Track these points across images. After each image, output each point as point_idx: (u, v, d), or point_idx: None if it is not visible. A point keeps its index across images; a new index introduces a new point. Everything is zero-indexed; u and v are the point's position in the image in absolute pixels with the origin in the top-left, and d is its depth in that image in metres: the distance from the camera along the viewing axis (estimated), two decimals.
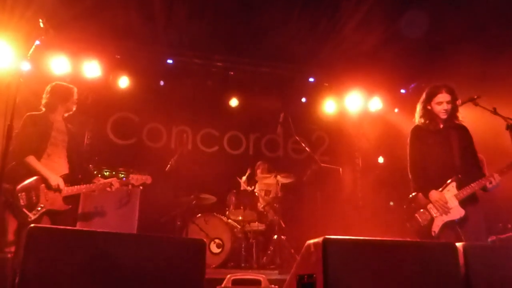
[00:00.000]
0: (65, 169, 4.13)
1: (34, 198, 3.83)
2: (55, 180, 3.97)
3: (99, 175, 4.76)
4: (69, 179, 4.11)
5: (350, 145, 8.53)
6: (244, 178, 6.98)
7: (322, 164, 6.65)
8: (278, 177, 6.41)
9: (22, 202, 3.75)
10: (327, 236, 2.34)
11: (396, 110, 8.57)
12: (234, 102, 8.06)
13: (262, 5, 6.29)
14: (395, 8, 6.24)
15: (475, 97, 4.04)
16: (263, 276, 2.48)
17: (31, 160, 3.92)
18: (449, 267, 2.50)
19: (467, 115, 4.25)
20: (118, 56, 7.14)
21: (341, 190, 7.90)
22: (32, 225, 2.01)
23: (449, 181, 3.81)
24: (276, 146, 8.59)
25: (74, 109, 4.36)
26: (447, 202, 3.74)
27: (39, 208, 3.83)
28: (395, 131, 8.38)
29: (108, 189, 4.28)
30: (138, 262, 2.15)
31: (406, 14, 6.28)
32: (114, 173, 5.72)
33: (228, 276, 2.47)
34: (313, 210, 6.70)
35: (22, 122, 4.04)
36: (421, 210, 3.87)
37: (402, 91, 8.64)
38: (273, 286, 2.45)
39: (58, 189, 3.95)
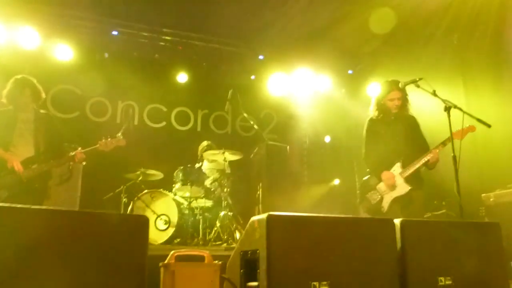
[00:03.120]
0: (30, 153, 4.26)
1: None
2: (10, 161, 4.10)
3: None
4: (34, 161, 4.23)
5: (297, 123, 8.63)
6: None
7: (270, 142, 6.70)
8: (226, 154, 6.41)
9: None
10: (270, 213, 2.37)
11: (343, 90, 8.74)
12: (182, 77, 7.90)
13: None
14: None
15: (417, 79, 4.28)
16: (207, 252, 2.49)
17: None
18: (386, 241, 2.62)
19: (412, 96, 4.51)
20: (58, 25, 6.74)
21: (288, 168, 8.01)
22: None
23: (395, 162, 4.29)
24: (224, 123, 8.55)
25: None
26: (394, 178, 4.23)
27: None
28: (342, 111, 8.59)
29: (72, 162, 4.49)
30: (78, 239, 2.09)
31: None
32: None
33: (172, 252, 2.46)
34: (260, 187, 6.75)
35: None
36: (372, 191, 4.36)
37: (350, 72, 8.81)
38: (217, 261, 2.46)
39: (13, 170, 4.08)
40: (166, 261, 2.41)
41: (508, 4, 5.74)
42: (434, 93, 4.22)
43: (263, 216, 2.39)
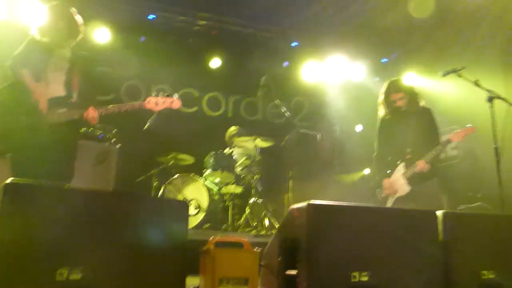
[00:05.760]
0: (60, 93, 3.59)
1: None
2: (36, 94, 3.42)
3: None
4: (63, 103, 3.55)
5: (329, 112, 8.54)
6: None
7: (301, 130, 6.65)
8: (257, 140, 6.40)
9: None
10: (311, 201, 2.34)
11: (377, 79, 8.57)
12: (215, 62, 7.88)
13: None
14: None
15: (459, 68, 4.14)
16: (245, 239, 2.49)
17: (25, 73, 3.44)
18: (428, 233, 2.58)
19: (450, 86, 4.37)
20: (98, 8, 6.79)
21: (318, 156, 7.96)
22: (8, 181, 1.89)
23: (398, 162, 4.29)
24: (255, 109, 8.53)
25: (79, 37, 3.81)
26: (394, 189, 4.27)
27: None
28: (375, 100, 8.42)
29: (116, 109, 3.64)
30: (121, 220, 2.11)
31: None
32: (90, 129, 5.53)
33: (211, 238, 2.47)
34: (291, 175, 6.72)
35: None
36: (378, 189, 4.43)
37: (384, 60, 8.63)
38: (256, 249, 2.46)
39: (36, 108, 3.39)
40: (206, 247, 2.42)
41: None
42: (477, 83, 4.09)
43: (304, 204, 2.37)
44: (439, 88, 6.77)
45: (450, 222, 2.61)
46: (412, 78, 7.82)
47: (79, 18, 3.78)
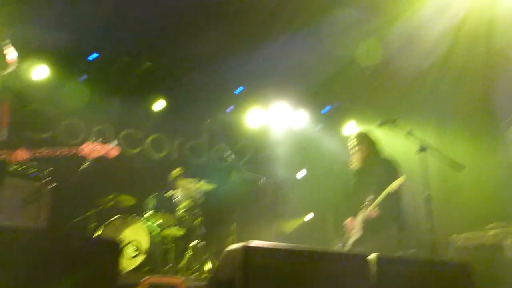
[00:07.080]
0: None
1: None
2: None
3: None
4: None
5: (272, 157, 8.65)
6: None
7: (245, 173, 6.70)
8: (201, 183, 6.36)
9: None
10: (247, 243, 2.34)
11: (318, 127, 8.84)
12: (160, 104, 7.84)
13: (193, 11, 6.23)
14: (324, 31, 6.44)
15: (394, 118, 4.38)
16: (181, 279, 2.43)
17: None
18: (360, 276, 2.62)
19: (387, 135, 4.64)
20: (37, 44, 6.62)
21: (262, 200, 7.99)
22: None
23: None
24: (200, 152, 8.49)
25: None
26: (351, 226, 4.53)
27: None
28: (316, 147, 8.70)
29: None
30: (46, 259, 2.00)
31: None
32: (23, 167, 5.26)
33: (145, 278, 2.39)
34: (234, 218, 6.69)
35: None
36: (344, 234, 4.62)
37: (328, 107, 8.95)
38: None
39: None
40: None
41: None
42: (410, 133, 4.32)
43: (239, 245, 2.35)
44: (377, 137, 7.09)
45: (382, 266, 2.68)
46: (352, 126, 8.16)
47: (9, 51, 3.62)
